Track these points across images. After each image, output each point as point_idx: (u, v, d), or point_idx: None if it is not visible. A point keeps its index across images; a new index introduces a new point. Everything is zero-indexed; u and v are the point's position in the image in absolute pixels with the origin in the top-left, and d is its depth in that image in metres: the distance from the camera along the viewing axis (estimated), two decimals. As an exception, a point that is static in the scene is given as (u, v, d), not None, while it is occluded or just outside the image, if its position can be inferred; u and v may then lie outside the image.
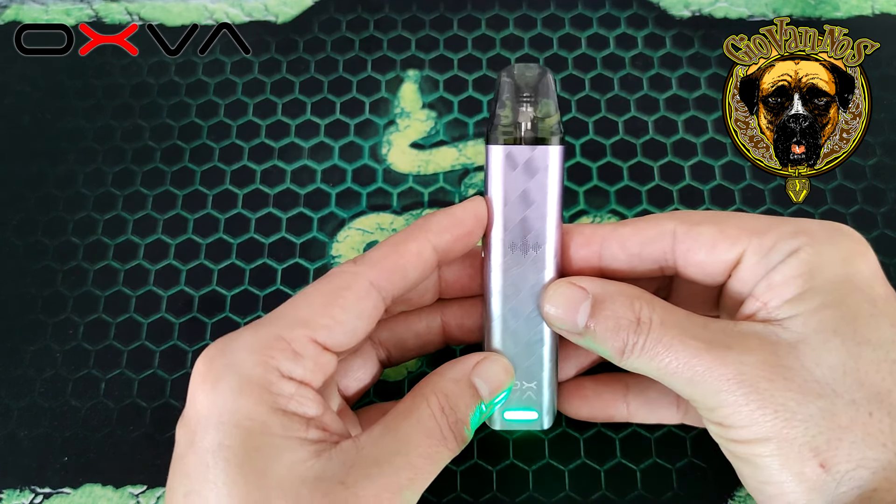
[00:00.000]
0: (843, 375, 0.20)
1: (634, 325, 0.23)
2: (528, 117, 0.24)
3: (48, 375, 0.32)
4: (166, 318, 0.33)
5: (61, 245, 0.34)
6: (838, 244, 0.22)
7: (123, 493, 0.30)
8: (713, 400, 0.21)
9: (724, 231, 0.24)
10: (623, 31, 0.39)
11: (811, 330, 0.21)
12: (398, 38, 0.39)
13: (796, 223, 0.23)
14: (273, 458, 0.21)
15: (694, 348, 0.22)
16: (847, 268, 0.22)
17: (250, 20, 0.40)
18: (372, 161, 0.36)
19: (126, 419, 0.31)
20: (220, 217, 0.35)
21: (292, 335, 0.22)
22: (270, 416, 0.21)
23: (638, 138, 0.36)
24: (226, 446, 0.21)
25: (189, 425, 0.22)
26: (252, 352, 0.22)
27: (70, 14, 0.40)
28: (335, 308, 0.23)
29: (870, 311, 0.21)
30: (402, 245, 0.24)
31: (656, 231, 0.25)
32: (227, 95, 0.38)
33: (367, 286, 0.24)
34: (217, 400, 0.21)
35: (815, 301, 0.21)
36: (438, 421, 0.23)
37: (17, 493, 0.30)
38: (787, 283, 0.22)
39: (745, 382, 0.21)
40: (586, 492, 0.29)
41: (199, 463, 0.21)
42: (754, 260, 0.23)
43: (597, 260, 0.26)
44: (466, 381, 0.24)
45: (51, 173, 0.36)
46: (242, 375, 0.21)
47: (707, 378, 0.21)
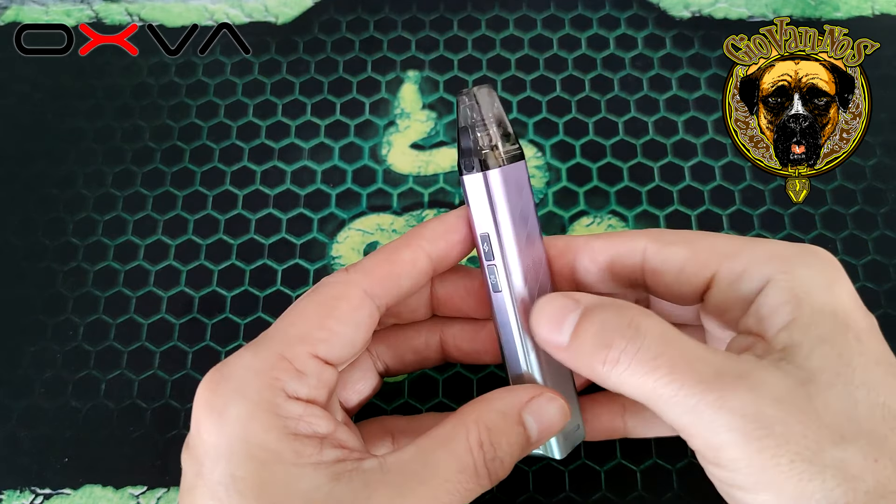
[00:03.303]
0: (847, 421, 0.19)
1: (626, 330, 0.21)
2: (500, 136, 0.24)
3: (48, 376, 0.32)
4: (166, 318, 0.33)
5: (61, 246, 0.34)
6: (814, 268, 0.21)
7: (123, 494, 0.30)
8: (716, 438, 0.19)
9: (694, 254, 0.23)
10: (623, 32, 0.39)
11: (816, 368, 0.19)
12: (398, 39, 0.39)
13: (768, 246, 0.22)
14: (289, 488, 0.20)
15: (700, 372, 0.19)
16: (830, 296, 0.21)
17: (250, 21, 0.40)
18: (372, 162, 0.36)
19: (126, 420, 0.31)
20: (221, 218, 0.35)
21: (293, 353, 0.22)
22: (282, 443, 0.20)
23: (638, 139, 0.36)
24: (239, 478, 0.20)
25: (196, 455, 0.21)
26: (256, 375, 0.21)
27: (70, 14, 0.40)
28: (331, 320, 0.22)
29: (859, 350, 0.20)
30: (396, 253, 0.24)
31: (627, 247, 0.24)
32: (227, 96, 0.38)
33: (361, 295, 0.23)
34: (225, 429, 0.21)
35: (810, 332, 0.20)
36: (475, 456, 0.21)
37: (17, 494, 0.30)
38: (776, 311, 0.21)
39: (759, 422, 0.18)
40: (586, 492, 0.29)
41: (210, 496, 0.20)
42: (724, 284, 0.22)
43: (570, 273, 0.25)
44: (515, 418, 0.22)
45: (51, 174, 0.36)
46: (249, 401, 0.21)
47: (713, 411, 0.19)
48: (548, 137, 0.36)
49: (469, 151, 0.23)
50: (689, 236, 0.24)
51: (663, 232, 0.24)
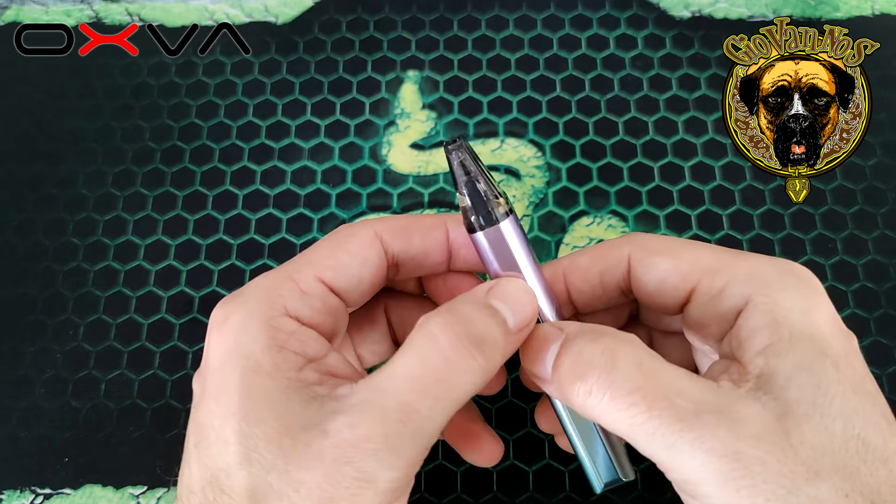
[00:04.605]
0: (822, 455, 0.19)
1: (600, 359, 0.20)
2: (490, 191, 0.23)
3: (49, 376, 0.32)
4: (166, 318, 0.33)
5: (61, 246, 0.34)
6: (794, 292, 0.21)
7: (124, 494, 0.30)
8: (693, 475, 0.19)
9: (676, 266, 0.23)
10: (623, 32, 0.39)
11: (793, 398, 0.19)
12: (398, 39, 0.39)
13: (750, 263, 0.22)
14: (265, 403, 0.20)
15: (678, 408, 0.19)
16: (807, 322, 0.20)
17: (250, 21, 0.40)
18: (372, 162, 0.36)
19: (126, 420, 0.31)
20: (221, 218, 0.35)
21: (300, 275, 0.23)
22: (265, 354, 0.21)
23: (638, 139, 0.36)
24: (226, 387, 0.20)
25: (201, 373, 0.22)
26: (262, 291, 0.22)
27: (70, 15, 0.40)
28: (340, 251, 0.23)
29: (836, 378, 0.20)
30: (419, 216, 0.25)
31: (613, 257, 0.24)
32: (227, 96, 0.38)
33: (372, 235, 0.24)
34: (224, 340, 0.21)
35: (787, 360, 0.20)
36: (441, 341, 0.20)
37: (17, 494, 0.30)
38: (754, 334, 0.21)
39: (738, 462, 0.18)
40: (586, 492, 0.29)
41: (206, 410, 0.21)
42: (705, 299, 0.22)
43: (567, 297, 0.25)
44: (483, 302, 0.21)
45: (51, 174, 0.36)
46: (248, 312, 0.22)
47: (691, 449, 0.19)
48: (548, 137, 0.36)
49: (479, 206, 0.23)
50: (673, 246, 0.23)
51: (649, 239, 0.24)
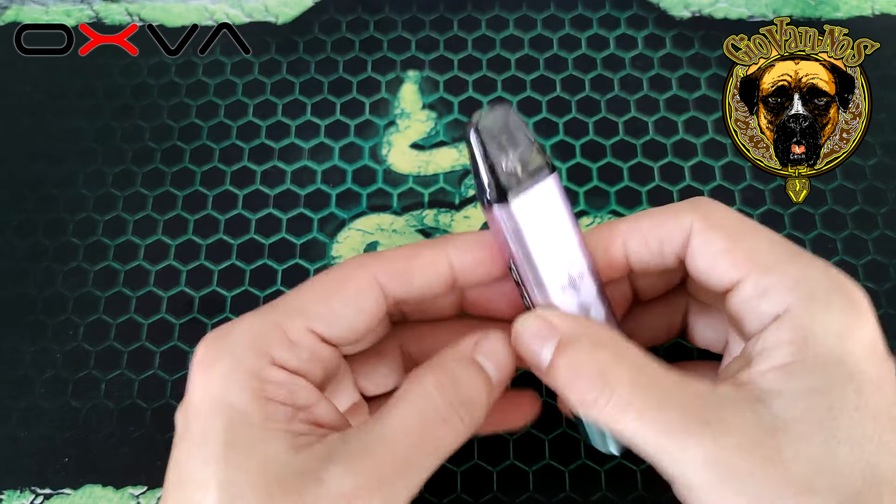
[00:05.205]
0: (818, 474, 0.19)
1: (599, 382, 0.20)
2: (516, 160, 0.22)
3: (48, 376, 0.32)
4: (167, 318, 0.33)
5: (61, 246, 0.34)
6: (837, 312, 0.21)
7: (124, 494, 0.30)
8: (683, 475, 0.20)
9: (732, 251, 0.22)
10: (623, 32, 0.39)
11: (794, 417, 0.19)
12: (398, 39, 0.39)
13: (804, 268, 0.21)
14: (251, 451, 0.20)
15: (669, 420, 0.20)
16: (840, 345, 0.20)
17: (250, 21, 0.40)
18: (372, 162, 0.36)
19: (126, 420, 0.31)
20: (221, 218, 0.35)
21: (290, 324, 0.22)
22: (252, 405, 0.20)
23: (638, 139, 0.36)
24: (210, 436, 0.20)
25: (184, 411, 0.21)
26: (249, 337, 0.21)
27: (70, 15, 0.40)
28: (334, 299, 0.22)
29: (855, 404, 0.19)
30: (418, 249, 0.23)
31: (675, 225, 0.23)
32: (227, 96, 0.38)
33: (370, 280, 0.23)
34: (209, 386, 0.21)
35: (802, 382, 0.20)
36: (437, 399, 0.21)
37: (17, 494, 0.30)
38: (779, 347, 0.20)
39: (720, 467, 0.19)
40: (586, 492, 0.29)
41: (188, 452, 0.20)
42: (748, 295, 0.22)
43: (622, 260, 0.24)
44: (469, 359, 0.22)
45: (51, 174, 0.36)
46: (234, 360, 0.21)
47: (681, 453, 0.20)
48: (548, 137, 0.36)
49: (482, 185, 0.22)
50: (733, 224, 0.23)
51: (712, 209, 0.23)
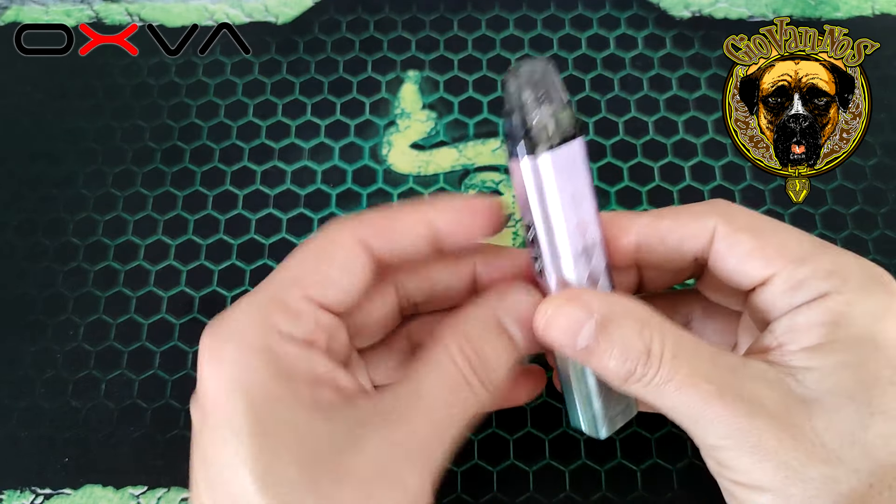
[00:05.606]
0: (850, 445, 0.20)
1: (644, 357, 0.21)
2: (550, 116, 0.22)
3: (49, 376, 0.32)
4: (167, 318, 0.33)
5: (61, 246, 0.34)
6: (872, 296, 0.21)
7: (124, 494, 0.30)
8: (716, 441, 0.21)
9: (762, 248, 0.22)
10: (623, 32, 0.39)
11: (826, 390, 0.20)
12: (398, 39, 0.39)
13: (835, 258, 0.22)
14: (281, 428, 0.20)
15: (706, 392, 0.21)
16: (875, 325, 0.21)
17: (250, 21, 0.40)
18: (372, 162, 0.36)
19: (126, 420, 0.31)
20: (221, 218, 0.35)
21: (287, 295, 0.22)
22: (274, 383, 0.20)
23: (638, 139, 0.36)
24: (236, 420, 0.20)
25: (200, 403, 0.21)
26: (251, 318, 0.21)
27: (70, 15, 0.40)
28: (324, 264, 0.22)
29: (889, 378, 0.20)
30: (398, 209, 0.24)
31: (697, 226, 0.23)
32: (227, 96, 0.38)
33: (355, 241, 0.23)
34: (223, 373, 0.21)
35: (834, 358, 0.20)
36: (462, 368, 0.21)
37: (17, 494, 0.30)
38: (810, 329, 0.21)
39: (751, 435, 0.20)
40: (586, 492, 0.29)
41: (214, 444, 0.20)
42: (782, 288, 0.22)
43: (632, 251, 0.24)
44: (493, 322, 0.22)
45: (51, 174, 0.36)
46: (244, 343, 0.21)
47: (714, 423, 0.21)
48: (548, 137, 0.36)
49: (514, 135, 0.21)
50: (758, 224, 0.23)
51: (733, 211, 0.24)
